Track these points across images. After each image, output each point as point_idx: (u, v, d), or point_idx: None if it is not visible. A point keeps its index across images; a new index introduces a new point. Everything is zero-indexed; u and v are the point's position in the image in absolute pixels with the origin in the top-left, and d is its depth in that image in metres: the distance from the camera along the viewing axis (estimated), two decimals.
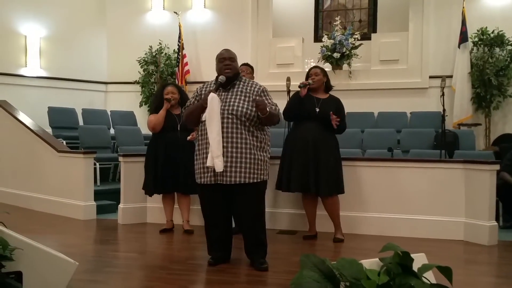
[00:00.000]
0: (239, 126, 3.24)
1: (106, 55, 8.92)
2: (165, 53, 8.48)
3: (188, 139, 4.34)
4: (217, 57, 3.46)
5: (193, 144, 3.56)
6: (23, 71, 7.84)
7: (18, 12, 7.77)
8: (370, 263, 1.78)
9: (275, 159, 4.45)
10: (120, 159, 5.08)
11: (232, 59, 3.41)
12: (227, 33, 8.24)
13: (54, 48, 8.20)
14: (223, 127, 3.22)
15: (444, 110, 5.45)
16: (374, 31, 8.71)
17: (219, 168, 3.17)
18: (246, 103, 3.29)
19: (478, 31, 7.01)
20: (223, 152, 3.19)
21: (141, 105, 8.48)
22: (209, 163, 3.20)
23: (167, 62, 8.44)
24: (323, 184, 4.07)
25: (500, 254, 3.99)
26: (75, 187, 5.37)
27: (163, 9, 8.70)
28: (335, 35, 7.54)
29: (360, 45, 7.57)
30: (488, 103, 6.88)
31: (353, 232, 4.51)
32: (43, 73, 8.04)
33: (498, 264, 3.81)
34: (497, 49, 6.92)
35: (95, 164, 5.79)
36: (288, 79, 5.54)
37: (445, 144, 5.52)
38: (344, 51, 7.46)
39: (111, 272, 3.31)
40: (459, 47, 6.99)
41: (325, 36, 7.72)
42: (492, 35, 6.91)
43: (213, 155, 3.18)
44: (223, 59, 3.40)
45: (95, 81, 8.77)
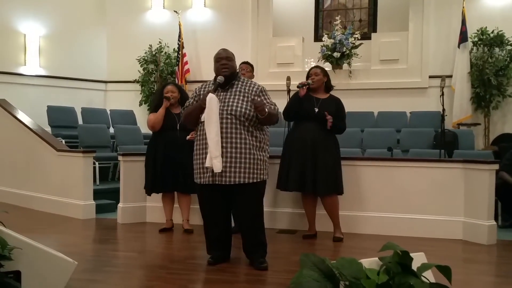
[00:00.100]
0: (238, 126, 3.24)
1: (106, 53, 8.91)
2: (165, 52, 8.47)
3: (187, 138, 4.34)
4: (214, 56, 3.46)
5: (192, 143, 3.55)
6: (22, 70, 7.83)
7: (18, 10, 7.76)
8: (369, 262, 1.78)
9: (275, 158, 4.46)
10: (120, 158, 5.08)
11: (229, 58, 3.40)
12: (227, 32, 8.23)
13: (53, 47, 8.19)
14: (222, 127, 3.21)
15: (443, 109, 5.45)
16: (374, 30, 8.70)
17: (217, 168, 3.17)
18: (245, 103, 3.28)
19: (478, 31, 7.02)
20: (222, 152, 3.19)
21: (140, 104, 8.47)
22: (208, 163, 3.20)
23: (167, 61, 8.43)
24: (320, 183, 4.07)
25: (499, 253, 4.00)
26: (74, 186, 5.37)
27: (163, 8, 8.69)
28: (335, 34, 7.54)
29: (360, 44, 7.57)
30: (487, 103, 6.89)
31: (352, 231, 4.51)
32: (42, 72, 8.04)
33: (497, 263, 3.82)
34: (496, 49, 6.93)
35: (94, 163, 5.78)
36: (288, 78, 5.54)
37: (444, 143, 5.52)
38: (344, 50, 7.46)
39: (110, 271, 3.31)
40: (458, 47, 7.00)
41: (325, 35, 7.72)
42: (491, 35, 6.91)
43: (211, 156, 3.18)
44: (220, 59, 3.39)
45: (95, 80, 8.75)
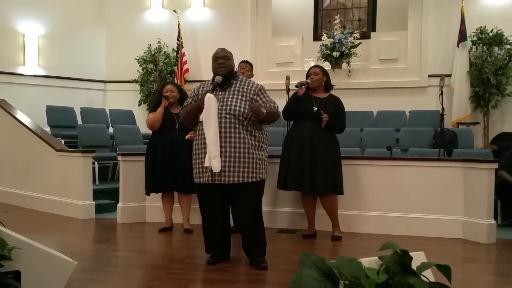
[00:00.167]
0: (237, 125, 3.24)
1: (105, 53, 8.90)
2: (164, 52, 8.47)
3: (186, 138, 4.34)
4: (212, 56, 3.45)
5: (191, 143, 3.55)
6: (21, 70, 7.83)
7: (17, 10, 7.76)
8: (369, 261, 1.78)
9: (274, 158, 4.46)
10: (119, 158, 5.08)
11: (226, 57, 3.40)
12: (226, 31, 8.23)
13: (52, 47, 8.18)
14: (221, 127, 3.21)
15: (443, 109, 5.46)
16: (374, 30, 8.70)
17: (216, 168, 3.18)
18: (243, 102, 3.28)
19: (477, 30, 7.02)
20: (221, 152, 3.19)
21: (140, 104, 8.47)
22: (206, 163, 3.21)
23: (166, 60, 8.43)
24: (319, 183, 4.06)
25: (499, 252, 4.00)
26: (74, 186, 5.36)
27: (162, 7, 8.68)
28: (334, 34, 7.54)
29: (359, 44, 7.57)
30: (486, 102, 6.89)
31: (352, 230, 4.51)
32: (41, 72, 8.03)
33: (496, 262, 3.82)
34: (495, 48, 6.93)
35: (94, 163, 5.77)
36: (288, 78, 5.54)
37: (443, 142, 5.53)
38: (343, 50, 7.47)
39: (110, 271, 3.30)
40: (458, 46, 7.00)
41: (325, 35, 7.72)
42: (491, 34, 6.92)
43: (210, 156, 3.18)
44: (218, 58, 3.39)
45: (94, 79, 8.75)
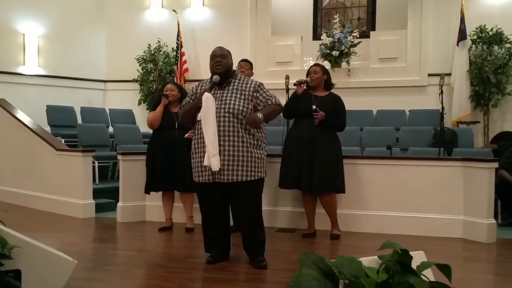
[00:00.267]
0: (235, 124, 3.24)
1: (105, 53, 8.90)
2: (164, 51, 8.47)
3: (185, 136, 4.34)
4: (210, 55, 3.46)
5: (191, 141, 3.55)
6: (21, 69, 7.82)
7: (17, 10, 7.75)
8: (369, 261, 1.78)
9: (275, 157, 4.46)
10: (119, 157, 5.07)
11: (223, 56, 3.39)
12: (226, 31, 8.22)
13: (52, 46, 8.18)
14: (219, 126, 3.22)
15: (442, 108, 5.45)
16: (373, 29, 8.70)
17: (215, 167, 3.18)
18: (242, 100, 3.28)
19: (476, 29, 7.02)
20: (220, 151, 3.20)
21: (139, 103, 8.47)
22: (206, 162, 3.21)
23: (165, 60, 8.44)
24: (316, 181, 4.05)
25: (499, 252, 4.00)
26: (74, 185, 5.36)
27: (162, 7, 8.68)
28: (334, 33, 7.54)
29: (359, 43, 7.57)
30: (486, 101, 6.89)
31: (352, 230, 4.51)
32: (41, 71, 8.03)
33: (496, 262, 3.82)
34: (495, 47, 6.93)
35: (94, 163, 5.77)
36: (287, 77, 5.54)
37: (443, 142, 5.53)
38: (343, 49, 7.46)
39: (110, 270, 3.31)
40: (457, 45, 7.00)
41: (324, 34, 7.72)
42: (490, 33, 6.92)
43: (209, 155, 3.18)
44: (215, 56, 3.40)
45: (94, 79, 8.75)
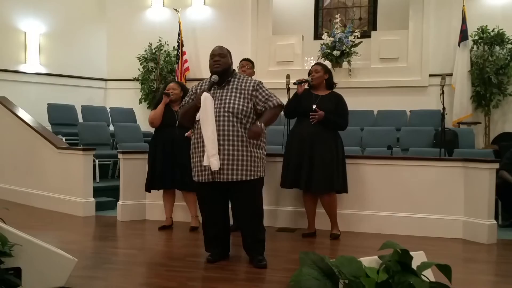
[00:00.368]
0: (235, 123, 3.23)
1: (106, 52, 8.90)
2: (165, 50, 8.47)
3: (186, 135, 4.34)
4: (210, 54, 3.46)
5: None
6: (22, 68, 7.82)
7: (18, 8, 7.75)
8: (369, 261, 1.78)
9: (276, 156, 4.46)
10: (119, 156, 5.08)
11: (222, 55, 3.40)
12: (227, 30, 8.22)
13: (53, 45, 8.18)
14: (219, 125, 3.21)
15: (443, 108, 5.45)
16: (374, 29, 8.68)
17: (214, 167, 3.18)
18: (241, 99, 3.28)
19: (478, 29, 7.01)
20: (219, 150, 3.19)
21: (140, 102, 8.46)
22: (205, 162, 3.21)
23: (166, 59, 8.43)
24: (316, 181, 4.05)
25: (499, 253, 4.00)
26: (74, 183, 5.37)
27: (163, 6, 8.67)
28: (335, 33, 7.53)
29: (360, 43, 7.56)
30: (487, 101, 6.88)
31: (352, 230, 4.51)
32: (42, 70, 8.03)
33: (497, 263, 3.82)
34: (497, 48, 6.92)
35: (94, 161, 5.78)
36: (288, 76, 5.53)
37: (444, 142, 5.52)
38: (344, 49, 7.45)
39: (110, 268, 3.31)
40: (459, 45, 6.98)
41: (325, 33, 7.70)
42: (492, 33, 6.90)
43: (208, 154, 3.18)
44: (214, 55, 3.40)
45: (95, 78, 8.74)
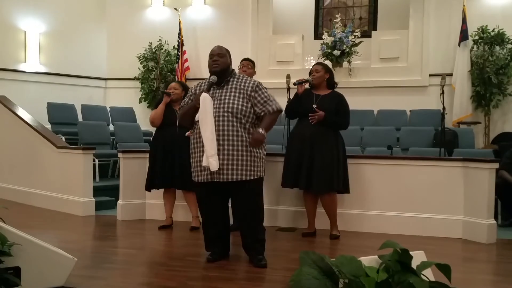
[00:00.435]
0: (234, 123, 3.23)
1: (106, 51, 8.90)
2: (165, 50, 8.46)
3: (186, 135, 4.33)
4: (209, 53, 3.46)
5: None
6: (22, 67, 7.82)
7: (18, 7, 7.75)
8: (369, 260, 1.78)
9: (276, 156, 4.45)
10: (119, 155, 5.08)
11: (220, 54, 3.39)
12: (227, 30, 8.21)
13: (53, 44, 8.18)
14: (218, 125, 3.21)
15: (443, 108, 5.45)
16: (375, 28, 8.68)
17: (214, 167, 3.18)
18: (241, 99, 3.28)
19: (478, 29, 7.01)
20: (219, 150, 3.19)
21: (140, 102, 8.46)
22: (204, 162, 3.21)
23: (167, 58, 8.43)
24: (316, 181, 4.05)
25: (499, 252, 4.00)
26: (74, 183, 5.37)
27: (163, 5, 8.67)
28: (335, 32, 7.53)
29: (360, 42, 7.56)
30: (487, 101, 6.88)
31: (352, 229, 4.51)
32: (42, 69, 8.03)
33: (496, 262, 3.82)
34: (497, 48, 6.92)
35: (94, 160, 5.78)
36: (288, 76, 5.53)
37: (444, 142, 5.52)
38: (344, 48, 7.45)
39: (110, 268, 3.31)
40: (459, 45, 6.99)
41: (325, 33, 7.71)
42: (492, 33, 6.91)
43: (207, 155, 3.18)
44: (212, 55, 3.40)
45: (95, 77, 8.74)
